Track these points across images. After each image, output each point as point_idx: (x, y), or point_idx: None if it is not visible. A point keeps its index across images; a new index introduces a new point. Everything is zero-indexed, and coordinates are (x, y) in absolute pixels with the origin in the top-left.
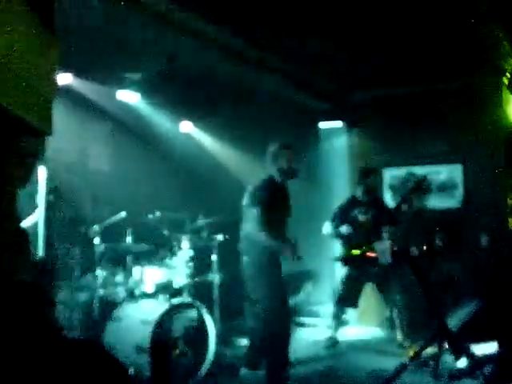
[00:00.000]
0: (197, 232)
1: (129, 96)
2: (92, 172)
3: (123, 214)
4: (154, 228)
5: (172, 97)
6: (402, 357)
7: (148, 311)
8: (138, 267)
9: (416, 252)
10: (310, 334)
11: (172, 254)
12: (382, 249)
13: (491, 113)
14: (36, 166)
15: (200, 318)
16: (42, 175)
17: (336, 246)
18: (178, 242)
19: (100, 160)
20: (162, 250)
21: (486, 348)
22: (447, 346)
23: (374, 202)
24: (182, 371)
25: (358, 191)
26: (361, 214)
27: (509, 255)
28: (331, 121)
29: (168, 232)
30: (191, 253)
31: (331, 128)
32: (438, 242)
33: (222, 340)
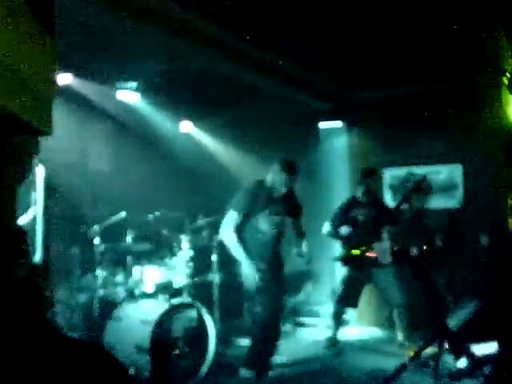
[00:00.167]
0: (197, 232)
1: (129, 96)
2: (92, 172)
3: (123, 214)
4: (154, 228)
5: (172, 97)
6: (402, 357)
7: (148, 311)
8: (138, 267)
9: (416, 252)
10: (309, 333)
11: (172, 254)
12: (382, 249)
13: (491, 113)
14: (32, 165)
15: (200, 318)
16: (40, 174)
17: (336, 245)
18: (177, 242)
19: (100, 160)
20: (162, 250)
21: (485, 348)
22: (447, 346)
23: (373, 202)
24: (182, 371)
25: (358, 191)
26: (361, 215)
27: (509, 255)
28: (331, 121)
29: (168, 232)
30: (191, 253)
31: (331, 128)
32: (438, 242)
33: (222, 340)
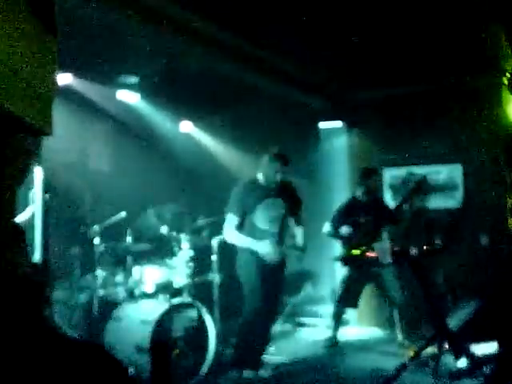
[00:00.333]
0: (197, 232)
1: (129, 96)
2: (92, 172)
3: (123, 214)
4: (153, 228)
5: (172, 97)
6: (402, 357)
7: (148, 311)
8: (138, 267)
9: (416, 252)
10: (310, 333)
11: (172, 254)
12: (382, 249)
13: (491, 113)
14: (31, 165)
15: (200, 318)
16: (38, 174)
17: (336, 246)
18: (177, 242)
19: (100, 160)
20: (162, 250)
21: (486, 348)
22: (447, 346)
23: (374, 202)
24: (182, 371)
25: (359, 192)
26: (361, 215)
27: (509, 255)
28: (331, 121)
29: (168, 232)
30: (191, 253)
31: (331, 128)
32: (438, 242)
33: (222, 340)
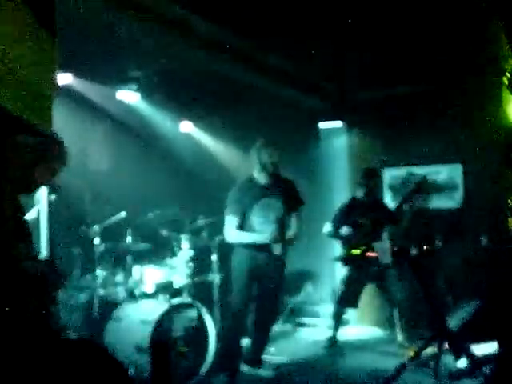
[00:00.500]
0: (197, 232)
1: (129, 96)
2: (92, 172)
3: (123, 214)
4: (153, 228)
5: (172, 97)
6: (402, 357)
7: (148, 311)
8: (138, 267)
9: (416, 252)
10: (310, 333)
11: (172, 254)
12: (382, 249)
13: (491, 113)
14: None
15: (200, 318)
16: None
17: (336, 246)
18: (177, 242)
19: (100, 160)
20: (162, 250)
21: (486, 348)
22: (447, 346)
23: (374, 202)
24: (182, 371)
25: (359, 192)
26: (361, 216)
27: (509, 255)
28: (331, 121)
29: (168, 232)
30: (191, 253)
31: (331, 128)
32: (438, 242)
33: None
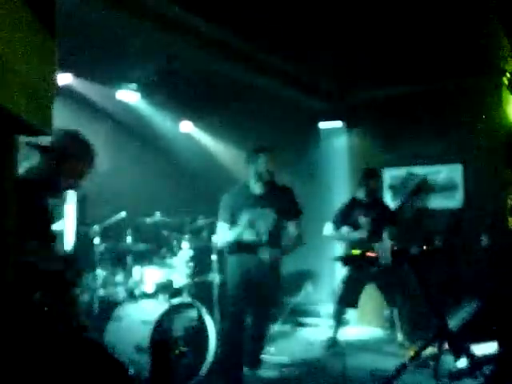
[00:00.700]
0: (197, 232)
1: (129, 96)
2: (92, 172)
3: (123, 214)
4: (153, 228)
5: (172, 97)
6: (402, 357)
7: (148, 311)
8: (138, 267)
9: (416, 252)
10: (309, 333)
11: (172, 254)
12: (382, 249)
13: (491, 113)
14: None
15: (200, 318)
16: None
17: (336, 246)
18: (178, 241)
19: (100, 160)
20: (162, 250)
21: (486, 348)
22: (447, 346)
23: (374, 202)
24: (182, 371)
25: (360, 192)
26: (362, 216)
27: (509, 255)
28: (331, 121)
29: (168, 232)
30: (191, 253)
31: (331, 128)
32: (438, 242)
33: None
